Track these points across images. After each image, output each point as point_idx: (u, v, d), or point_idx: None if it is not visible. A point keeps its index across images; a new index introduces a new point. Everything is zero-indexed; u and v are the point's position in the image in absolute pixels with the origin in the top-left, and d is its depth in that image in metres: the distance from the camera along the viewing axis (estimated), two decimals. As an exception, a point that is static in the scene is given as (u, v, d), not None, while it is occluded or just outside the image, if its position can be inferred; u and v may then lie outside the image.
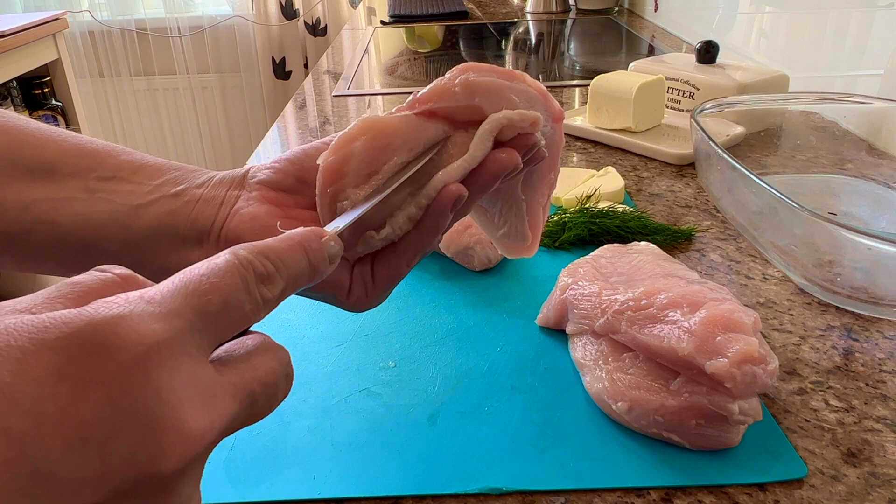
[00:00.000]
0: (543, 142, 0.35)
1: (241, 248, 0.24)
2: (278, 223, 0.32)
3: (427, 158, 0.34)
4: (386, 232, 0.33)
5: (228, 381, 0.22)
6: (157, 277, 0.37)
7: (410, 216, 0.33)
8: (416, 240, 0.35)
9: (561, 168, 0.73)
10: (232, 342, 0.24)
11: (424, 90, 0.34)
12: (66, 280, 0.23)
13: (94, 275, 0.23)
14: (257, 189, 0.37)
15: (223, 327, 0.22)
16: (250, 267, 0.23)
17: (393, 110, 0.35)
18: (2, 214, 0.34)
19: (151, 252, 0.36)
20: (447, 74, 0.35)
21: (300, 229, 0.26)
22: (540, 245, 0.61)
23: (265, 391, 0.24)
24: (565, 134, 0.90)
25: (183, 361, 0.21)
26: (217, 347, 0.23)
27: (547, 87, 1.14)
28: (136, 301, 0.20)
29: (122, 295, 0.21)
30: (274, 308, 0.25)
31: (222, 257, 0.23)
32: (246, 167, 0.39)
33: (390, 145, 0.33)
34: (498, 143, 0.34)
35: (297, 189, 0.37)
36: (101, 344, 0.19)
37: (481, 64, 0.35)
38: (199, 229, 0.36)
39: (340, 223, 0.30)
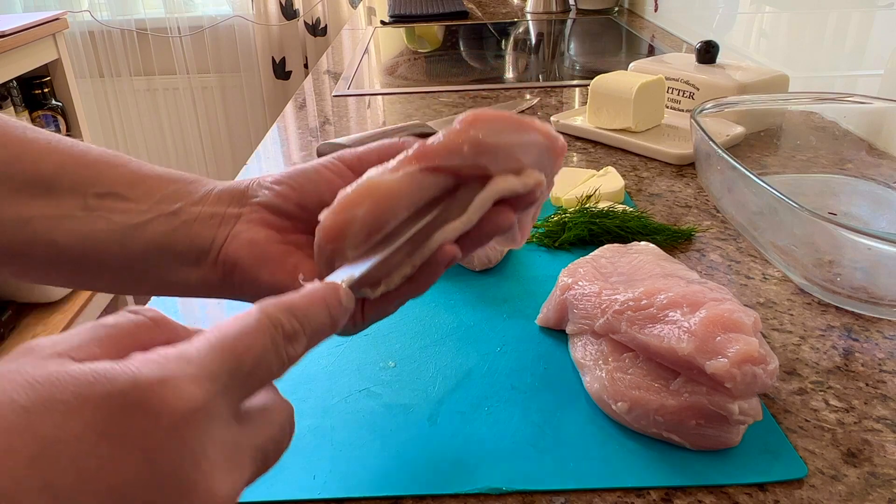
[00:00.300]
0: (542, 191, 0.36)
1: (270, 306, 0.24)
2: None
3: (429, 219, 0.34)
4: (381, 290, 0.33)
5: (248, 442, 0.23)
6: (155, 292, 0.37)
7: (405, 275, 0.34)
8: (408, 290, 0.35)
9: (561, 168, 0.74)
10: None
11: (432, 143, 0.34)
12: (101, 322, 0.23)
13: (127, 317, 0.23)
14: (257, 211, 0.37)
15: (252, 388, 0.23)
16: (280, 327, 0.24)
17: (394, 163, 0.34)
18: (0, 230, 0.34)
19: (149, 270, 0.36)
20: (456, 124, 0.34)
21: (320, 284, 0.27)
22: (540, 245, 0.62)
23: (275, 447, 0.25)
24: (566, 134, 0.90)
25: (216, 425, 0.21)
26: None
27: (547, 87, 1.15)
28: (176, 361, 0.21)
29: (161, 352, 0.21)
30: (294, 365, 0.25)
31: (253, 315, 0.24)
32: (246, 180, 0.38)
33: (393, 208, 0.33)
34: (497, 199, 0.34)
35: (296, 215, 0.37)
36: (144, 406, 0.20)
37: (491, 113, 0.35)
38: (197, 249, 0.36)
39: (356, 272, 0.31)
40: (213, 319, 0.53)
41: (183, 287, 0.37)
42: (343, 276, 0.30)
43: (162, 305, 0.55)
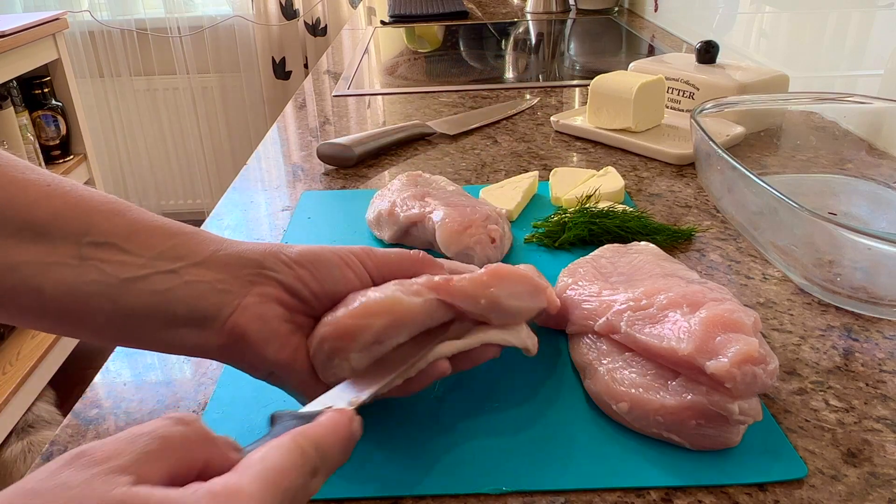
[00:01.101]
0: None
1: (302, 439, 0.27)
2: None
3: (427, 351, 0.37)
4: (370, 399, 0.34)
5: None
6: (144, 348, 0.37)
7: (395, 385, 0.36)
8: (392, 394, 0.37)
9: (561, 168, 0.74)
10: None
11: (457, 283, 0.37)
12: (153, 431, 0.25)
13: (179, 430, 0.25)
14: (273, 286, 0.37)
15: None
16: (310, 464, 0.27)
17: (417, 286, 0.37)
18: None
19: (141, 326, 0.35)
20: (482, 274, 0.38)
21: (339, 416, 0.30)
22: (540, 245, 0.61)
23: None
24: (565, 134, 0.90)
25: None
26: None
27: (547, 87, 1.15)
28: (237, 498, 0.23)
29: (221, 484, 0.23)
30: None
31: (292, 450, 0.26)
32: (258, 249, 0.37)
33: (406, 326, 0.36)
34: None
35: (308, 300, 0.38)
36: None
37: (514, 274, 0.39)
38: (200, 314, 0.35)
39: (363, 395, 0.33)
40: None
41: (176, 347, 0.36)
42: (349, 396, 0.33)
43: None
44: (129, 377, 0.47)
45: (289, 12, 2.65)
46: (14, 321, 0.35)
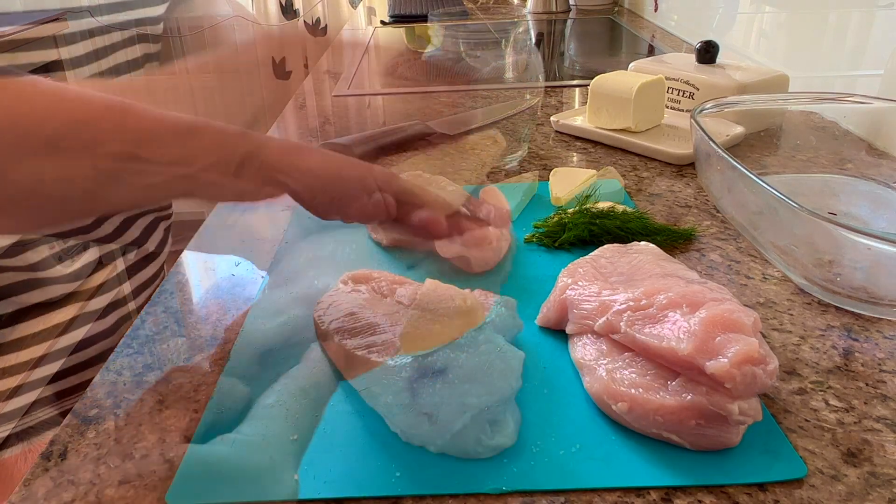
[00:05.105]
0: None
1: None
2: None
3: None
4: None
5: None
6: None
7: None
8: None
9: (561, 168, 0.74)
10: None
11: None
12: None
13: None
14: (281, 190, 0.39)
15: None
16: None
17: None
18: (14, 192, 0.33)
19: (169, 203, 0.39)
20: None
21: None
22: (540, 245, 0.62)
23: None
24: (565, 134, 0.90)
25: None
26: None
27: (547, 87, 1.15)
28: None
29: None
30: None
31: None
32: (280, 152, 0.39)
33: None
34: None
35: (315, 208, 0.40)
36: None
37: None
38: (226, 193, 0.39)
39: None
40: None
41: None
42: None
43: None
44: (129, 377, 0.47)
45: (289, 12, 2.65)
46: (40, 225, 0.38)
